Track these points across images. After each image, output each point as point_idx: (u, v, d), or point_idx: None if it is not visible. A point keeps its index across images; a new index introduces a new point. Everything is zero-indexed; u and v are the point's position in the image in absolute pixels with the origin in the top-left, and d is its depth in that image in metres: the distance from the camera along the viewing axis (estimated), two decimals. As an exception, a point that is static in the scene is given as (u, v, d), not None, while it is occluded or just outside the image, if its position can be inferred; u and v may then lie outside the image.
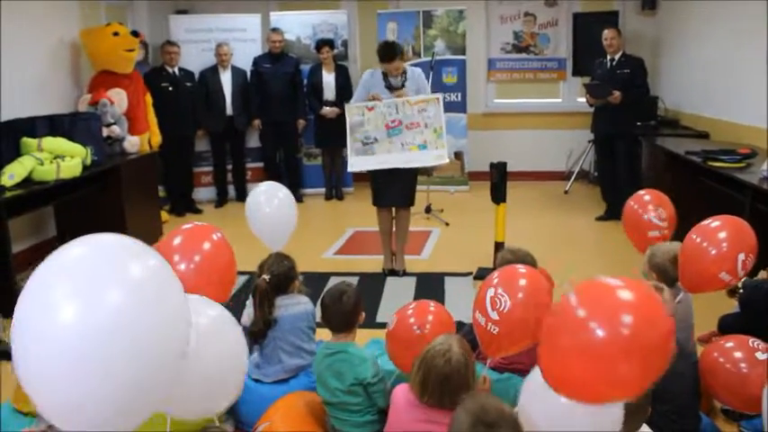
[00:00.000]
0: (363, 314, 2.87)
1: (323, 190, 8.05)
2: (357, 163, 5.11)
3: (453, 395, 2.23)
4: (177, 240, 2.70)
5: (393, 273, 5.21)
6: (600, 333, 1.65)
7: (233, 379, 2.01)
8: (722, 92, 6.26)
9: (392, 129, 5.01)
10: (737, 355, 2.51)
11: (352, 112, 5.06)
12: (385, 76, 5.03)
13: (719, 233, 2.91)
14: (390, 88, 5.00)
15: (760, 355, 2.50)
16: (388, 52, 4.96)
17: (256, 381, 3.02)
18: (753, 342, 2.56)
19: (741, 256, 2.84)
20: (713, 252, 2.88)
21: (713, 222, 2.98)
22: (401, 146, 5.02)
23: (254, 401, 2.86)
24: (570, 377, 1.76)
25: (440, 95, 5.11)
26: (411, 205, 5.24)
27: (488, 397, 1.87)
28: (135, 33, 6.30)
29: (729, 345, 2.58)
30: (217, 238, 2.80)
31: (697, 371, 2.61)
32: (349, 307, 2.77)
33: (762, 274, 3.52)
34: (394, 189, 5.08)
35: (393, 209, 5.24)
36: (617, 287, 1.73)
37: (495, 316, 2.46)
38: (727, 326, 3.45)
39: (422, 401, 2.32)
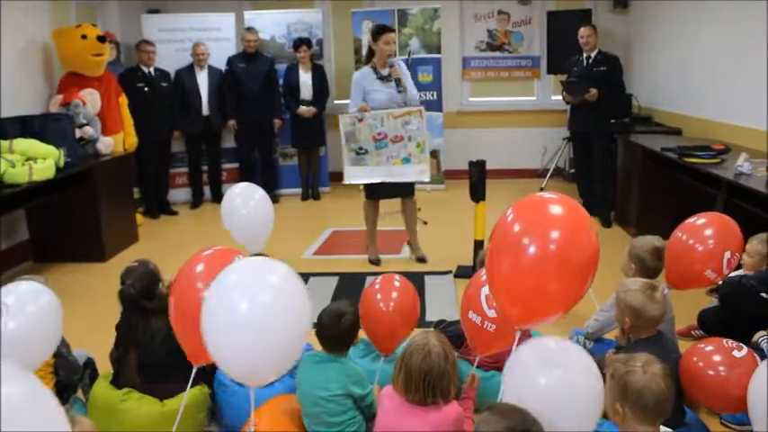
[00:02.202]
0: (359, 336, 2.84)
1: (299, 190, 8.02)
2: (352, 174, 5.18)
3: (436, 388, 2.28)
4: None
5: (421, 260, 5.46)
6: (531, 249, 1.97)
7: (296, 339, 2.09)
8: (694, 89, 6.34)
9: (379, 142, 5.06)
10: (716, 358, 2.52)
11: (345, 121, 5.11)
12: (374, 69, 5.09)
13: (706, 230, 2.96)
14: (383, 79, 5.06)
15: (737, 353, 2.52)
16: (382, 26, 5.17)
17: (240, 384, 2.98)
18: (727, 342, 2.59)
19: (727, 254, 2.88)
20: (700, 249, 2.92)
21: (699, 220, 3.02)
22: (387, 159, 5.08)
23: (239, 405, 2.83)
24: (510, 291, 2.07)
25: (422, 107, 5.09)
26: (413, 194, 5.40)
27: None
28: (102, 39, 6.16)
29: (708, 349, 2.59)
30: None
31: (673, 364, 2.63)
32: (345, 330, 2.72)
33: (741, 269, 3.57)
34: (392, 183, 5.15)
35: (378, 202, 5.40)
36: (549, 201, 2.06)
37: (492, 314, 2.48)
38: (707, 320, 3.50)
39: (408, 400, 2.33)
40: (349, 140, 5.12)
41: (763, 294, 3.06)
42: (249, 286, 2.00)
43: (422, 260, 5.42)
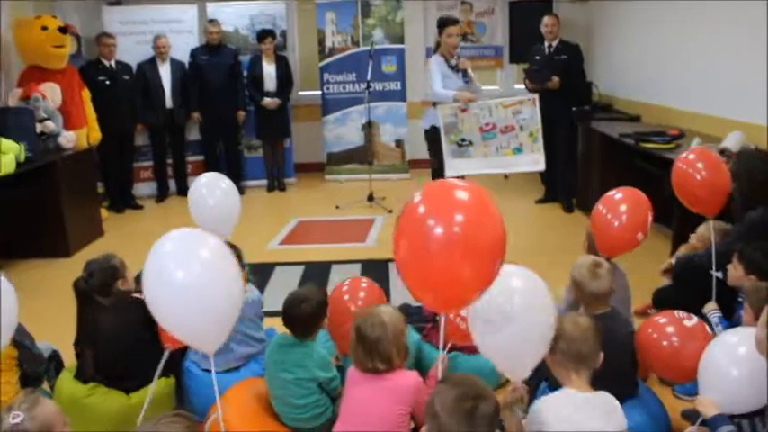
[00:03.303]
0: (326, 320, 2.85)
1: (264, 182, 8.02)
2: (454, 166, 5.00)
3: (373, 353, 2.39)
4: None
5: None
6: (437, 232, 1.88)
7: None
8: (652, 76, 6.47)
9: (486, 132, 4.93)
10: (669, 329, 2.65)
11: (445, 112, 4.97)
12: (444, 58, 5.09)
13: (621, 205, 3.23)
14: (454, 68, 5.09)
15: (688, 322, 2.65)
16: (445, 19, 5.21)
17: (206, 370, 3.01)
18: (677, 314, 2.72)
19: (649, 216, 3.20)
20: (625, 220, 3.18)
21: (616, 194, 3.31)
22: (496, 150, 4.97)
23: (205, 391, 2.86)
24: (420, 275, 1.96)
25: (535, 96, 5.02)
26: None
27: (467, 375, 2.01)
28: (63, 30, 6.10)
29: (662, 321, 2.71)
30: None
31: (633, 340, 2.73)
32: (308, 314, 2.74)
33: (682, 249, 3.70)
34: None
35: None
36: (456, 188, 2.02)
37: None
38: (661, 299, 3.60)
39: (362, 370, 2.44)
40: (449, 132, 4.96)
41: (712, 271, 3.18)
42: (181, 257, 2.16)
43: None
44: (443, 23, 5.19)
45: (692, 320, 2.66)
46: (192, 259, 2.14)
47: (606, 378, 2.27)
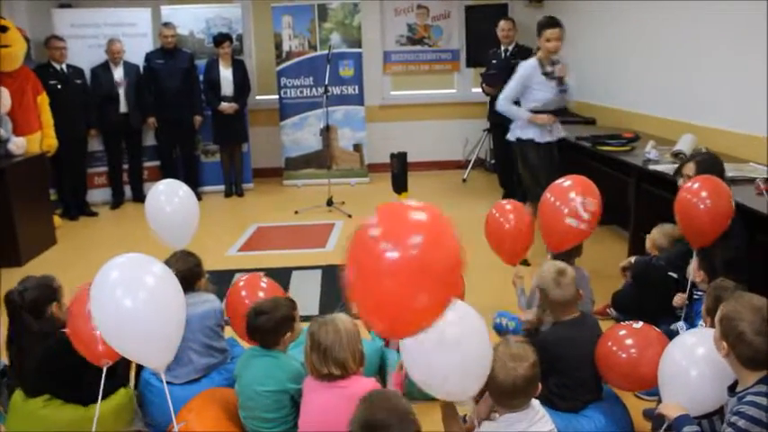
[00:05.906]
0: (295, 327, 2.77)
1: (222, 187, 7.92)
2: None
3: (328, 358, 2.38)
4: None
5: None
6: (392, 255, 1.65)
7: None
8: (606, 80, 6.58)
9: None
10: (628, 342, 2.63)
11: None
12: (540, 63, 4.78)
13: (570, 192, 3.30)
14: (546, 75, 4.77)
15: (635, 325, 2.69)
16: (545, 21, 4.79)
17: (167, 383, 2.95)
18: (627, 323, 2.76)
19: (582, 200, 3.27)
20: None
21: (565, 182, 3.37)
22: None
23: (166, 404, 2.80)
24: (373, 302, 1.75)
25: None
26: None
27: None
28: (2, 29, 5.92)
29: (622, 333, 2.69)
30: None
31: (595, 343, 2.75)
32: (271, 326, 2.68)
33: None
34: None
35: None
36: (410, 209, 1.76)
37: None
38: (621, 299, 3.67)
39: (317, 377, 2.43)
40: None
41: (671, 273, 3.24)
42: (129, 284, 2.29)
43: None
44: (543, 26, 4.79)
45: (638, 323, 2.70)
46: (137, 285, 2.27)
47: (576, 384, 2.27)
